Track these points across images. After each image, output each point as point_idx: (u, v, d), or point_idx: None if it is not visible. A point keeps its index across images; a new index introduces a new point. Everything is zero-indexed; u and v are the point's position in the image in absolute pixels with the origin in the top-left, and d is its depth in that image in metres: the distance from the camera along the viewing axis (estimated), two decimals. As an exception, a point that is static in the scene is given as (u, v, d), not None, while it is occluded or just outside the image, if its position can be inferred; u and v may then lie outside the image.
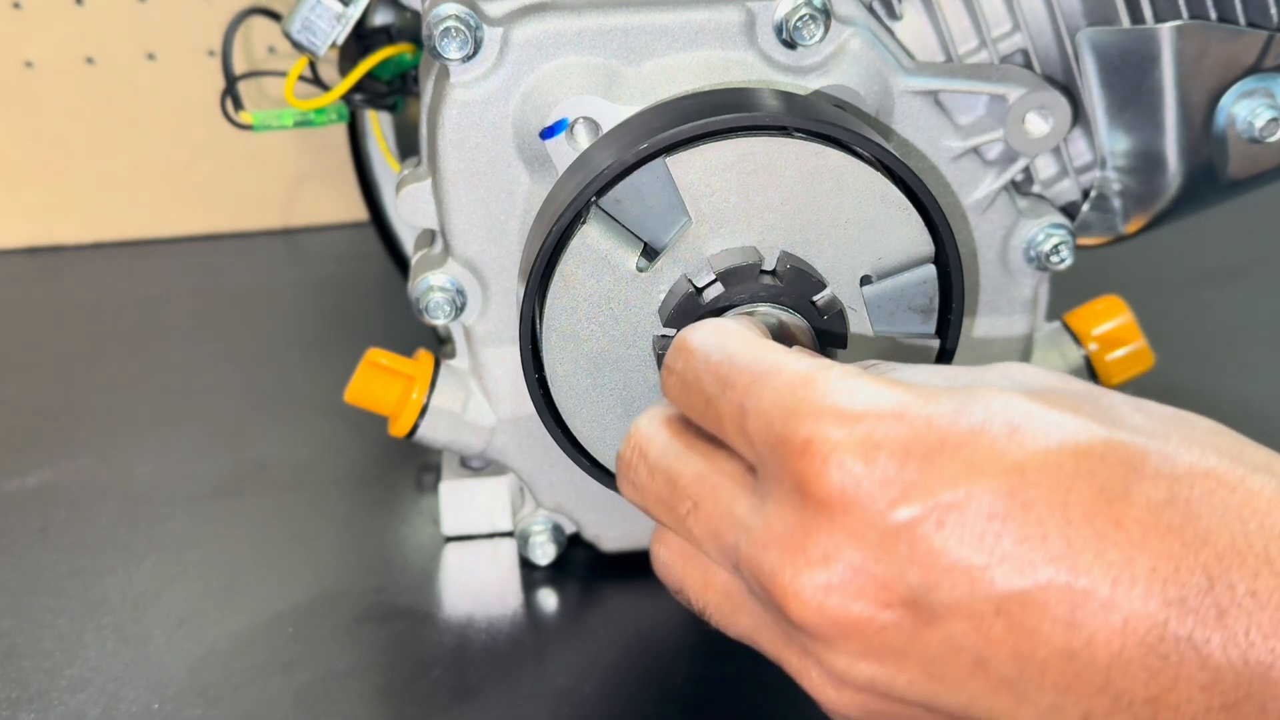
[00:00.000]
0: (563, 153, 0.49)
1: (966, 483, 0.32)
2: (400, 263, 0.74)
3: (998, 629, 0.32)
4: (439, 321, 0.52)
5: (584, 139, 0.49)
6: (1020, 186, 0.55)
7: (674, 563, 0.38)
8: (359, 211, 0.78)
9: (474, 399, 0.54)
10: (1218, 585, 0.31)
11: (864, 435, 0.33)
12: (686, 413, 0.38)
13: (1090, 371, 0.58)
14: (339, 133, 0.77)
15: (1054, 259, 0.54)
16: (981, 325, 0.55)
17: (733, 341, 0.37)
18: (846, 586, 0.32)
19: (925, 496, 0.32)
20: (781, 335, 0.44)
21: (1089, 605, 0.31)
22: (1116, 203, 0.55)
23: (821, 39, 0.49)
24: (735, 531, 0.35)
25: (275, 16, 0.65)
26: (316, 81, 0.62)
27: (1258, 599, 0.31)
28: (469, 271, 0.52)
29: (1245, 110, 0.52)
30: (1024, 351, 0.56)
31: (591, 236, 0.44)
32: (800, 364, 0.35)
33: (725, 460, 0.36)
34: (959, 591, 0.32)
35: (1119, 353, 0.58)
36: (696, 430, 0.38)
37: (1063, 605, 0.31)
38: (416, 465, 0.65)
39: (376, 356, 0.54)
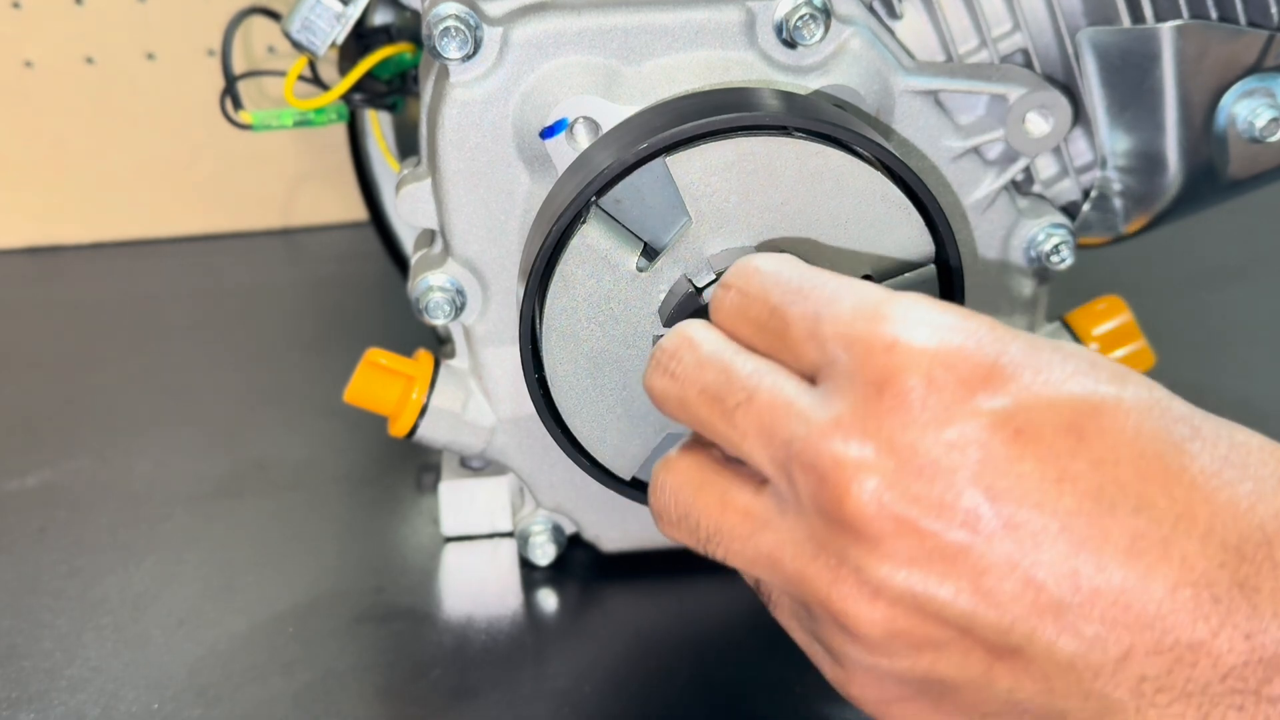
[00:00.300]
0: (563, 153, 0.49)
1: (1049, 398, 0.32)
2: (400, 263, 0.74)
3: (1059, 548, 0.31)
4: (439, 321, 0.52)
5: (584, 139, 0.48)
6: (1021, 186, 0.55)
7: (683, 487, 0.37)
8: (359, 211, 0.78)
9: (474, 399, 0.54)
10: (1275, 542, 0.31)
11: (950, 343, 0.33)
12: (738, 329, 0.37)
13: (1090, 371, 0.58)
14: (339, 132, 0.77)
15: (1054, 259, 0.54)
16: (982, 325, 0.55)
17: (802, 266, 0.37)
18: (912, 480, 0.32)
19: (1008, 406, 0.32)
20: None
21: (1150, 537, 0.31)
22: (1117, 202, 0.55)
23: (822, 39, 0.49)
24: (794, 422, 0.33)
25: (275, 16, 0.65)
26: (316, 81, 0.62)
27: None
28: (469, 271, 0.52)
29: (1246, 110, 0.52)
30: (1024, 351, 0.56)
31: (591, 236, 0.44)
32: (876, 286, 0.35)
33: (783, 366, 0.35)
34: (1027, 504, 0.31)
35: (1119, 353, 0.58)
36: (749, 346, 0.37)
37: (1126, 535, 0.31)
38: (416, 465, 0.65)
39: (376, 356, 0.54)
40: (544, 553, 0.56)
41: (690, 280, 0.44)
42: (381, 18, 0.61)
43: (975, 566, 0.32)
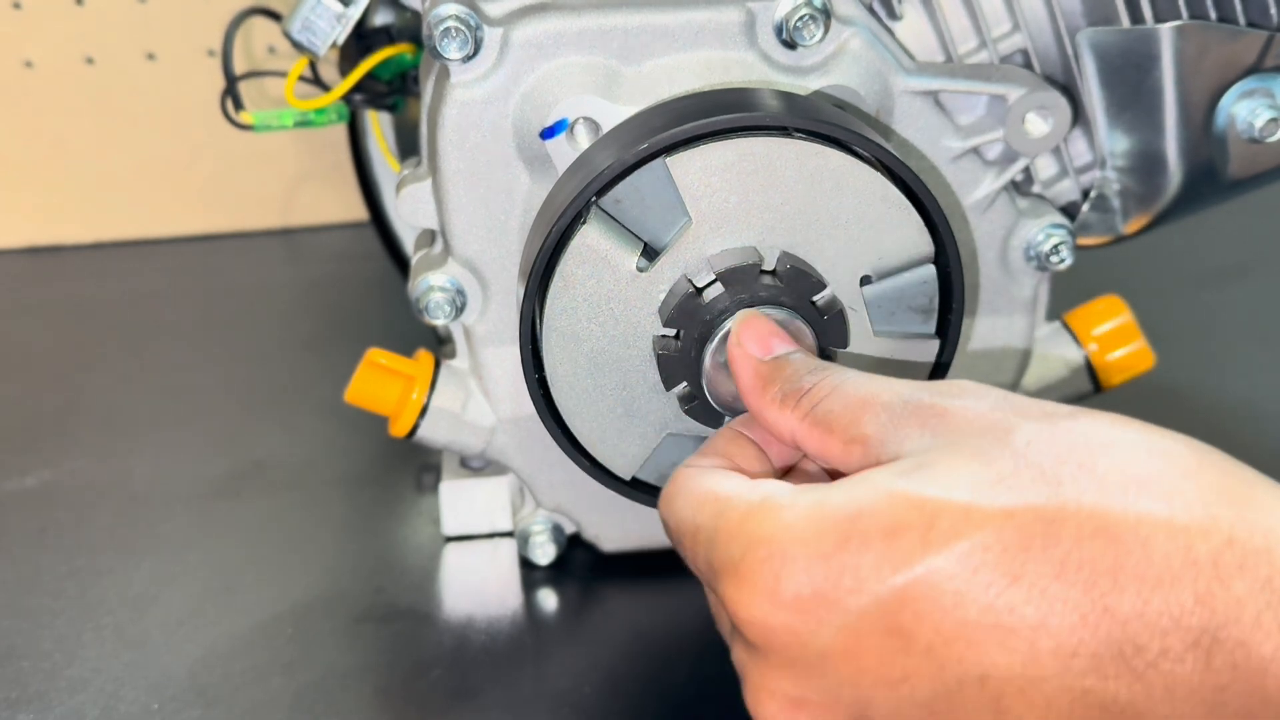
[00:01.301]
0: (563, 153, 0.49)
1: (858, 605, 0.33)
2: (400, 263, 0.74)
3: None
4: (439, 321, 0.52)
5: (584, 139, 0.48)
6: (1020, 187, 0.55)
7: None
8: (359, 211, 0.78)
9: (474, 399, 0.54)
10: (1126, 651, 0.31)
11: (764, 585, 0.34)
12: None
13: (1090, 372, 0.58)
14: (339, 133, 0.77)
15: (1054, 259, 0.54)
16: (982, 325, 0.55)
17: (678, 508, 0.39)
18: (797, 713, 0.35)
19: (831, 624, 0.33)
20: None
21: (1008, 692, 0.32)
22: (1116, 203, 0.55)
23: (821, 39, 0.49)
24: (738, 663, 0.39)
25: (275, 16, 0.65)
26: (317, 81, 0.62)
27: (1170, 657, 0.31)
28: (469, 271, 0.52)
29: (1245, 110, 0.52)
30: (1024, 352, 0.56)
31: (591, 236, 0.44)
32: (711, 518, 0.37)
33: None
34: (889, 704, 0.34)
35: (1119, 353, 0.58)
36: None
37: (984, 697, 0.32)
38: (416, 465, 0.65)
39: (376, 356, 0.54)
40: (544, 553, 0.56)
41: (690, 280, 0.44)
42: (382, 18, 0.61)
43: None
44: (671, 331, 0.45)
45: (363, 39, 0.60)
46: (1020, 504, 0.32)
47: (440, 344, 0.63)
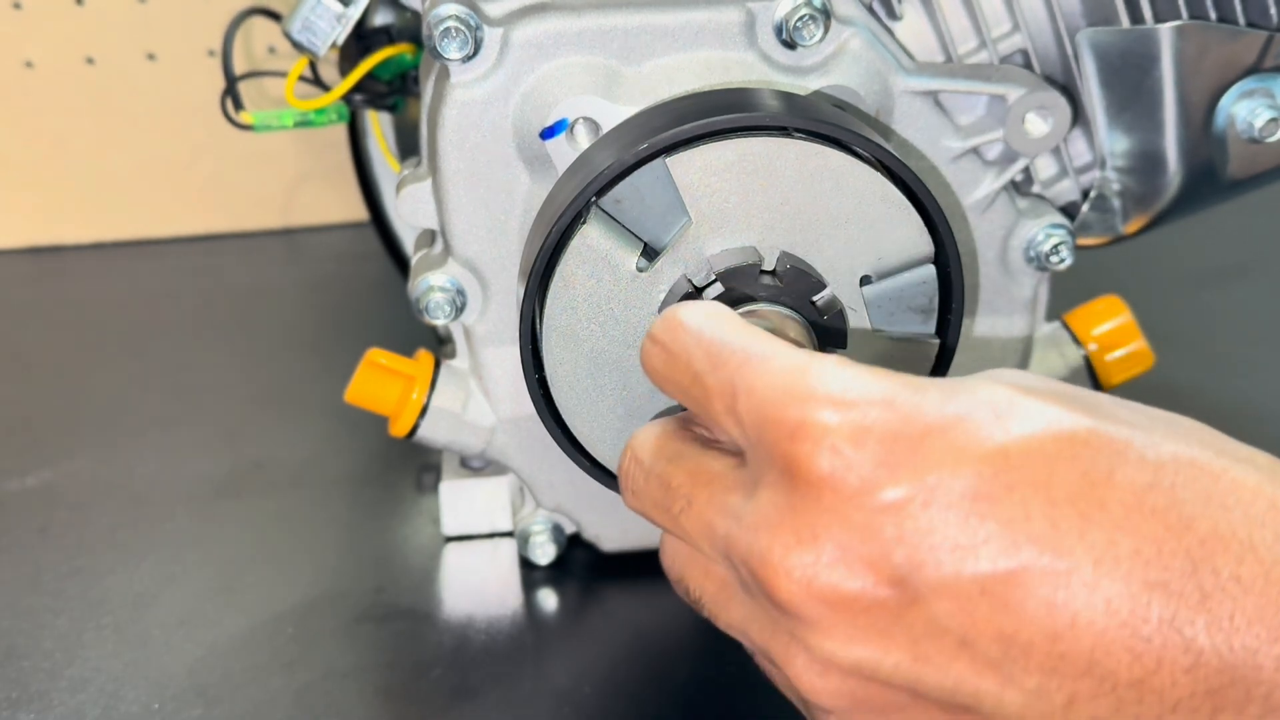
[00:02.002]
0: (563, 153, 0.49)
1: (952, 464, 0.32)
2: (400, 263, 0.74)
3: (982, 609, 0.32)
4: (439, 321, 0.52)
5: (584, 139, 0.49)
6: (1020, 187, 0.55)
7: (679, 553, 0.39)
8: (359, 211, 0.78)
9: (474, 399, 0.54)
10: (1201, 569, 0.31)
11: (855, 420, 0.33)
12: (665, 388, 0.38)
13: (1090, 371, 0.58)
14: (339, 133, 0.77)
15: (1054, 259, 0.54)
16: (981, 325, 0.55)
17: (726, 324, 0.38)
18: (834, 565, 0.33)
19: (912, 478, 0.32)
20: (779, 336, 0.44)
21: (1072, 586, 0.31)
22: (1116, 203, 0.55)
23: (821, 39, 0.49)
24: (727, 520, 0.35)
25: (275, 16, 0.65)
26: (317, 82, 0.62)
27: (1241, 584, 0.31)
28: (469, 271, 0.52)
29: (1245, 110, 0.52)
30: (1024, 352, 0.56)
31: (591, 236, 0.44)
32: (794, 352, 0.36)
33: (716, 459, 0.37)
34: (944, 571, 0.32)
35: (1118, 353, 0.58)
36: (687, 434, 0.39)
37: (1046, 586, 0.32)
38: (416, 465, 0.65)
39: (376, 356, 0.54)
40: (544, 552, 0.56)
41: (690, 280, 0.45)
42: (382, 18, 0.61)
43: (908, 635, 0.33)
44: (671, 331, 0.45)
45: (363, 39, 0.60)
46: (1117, 429, 0.33)
47: (440, 344, 0.63)
